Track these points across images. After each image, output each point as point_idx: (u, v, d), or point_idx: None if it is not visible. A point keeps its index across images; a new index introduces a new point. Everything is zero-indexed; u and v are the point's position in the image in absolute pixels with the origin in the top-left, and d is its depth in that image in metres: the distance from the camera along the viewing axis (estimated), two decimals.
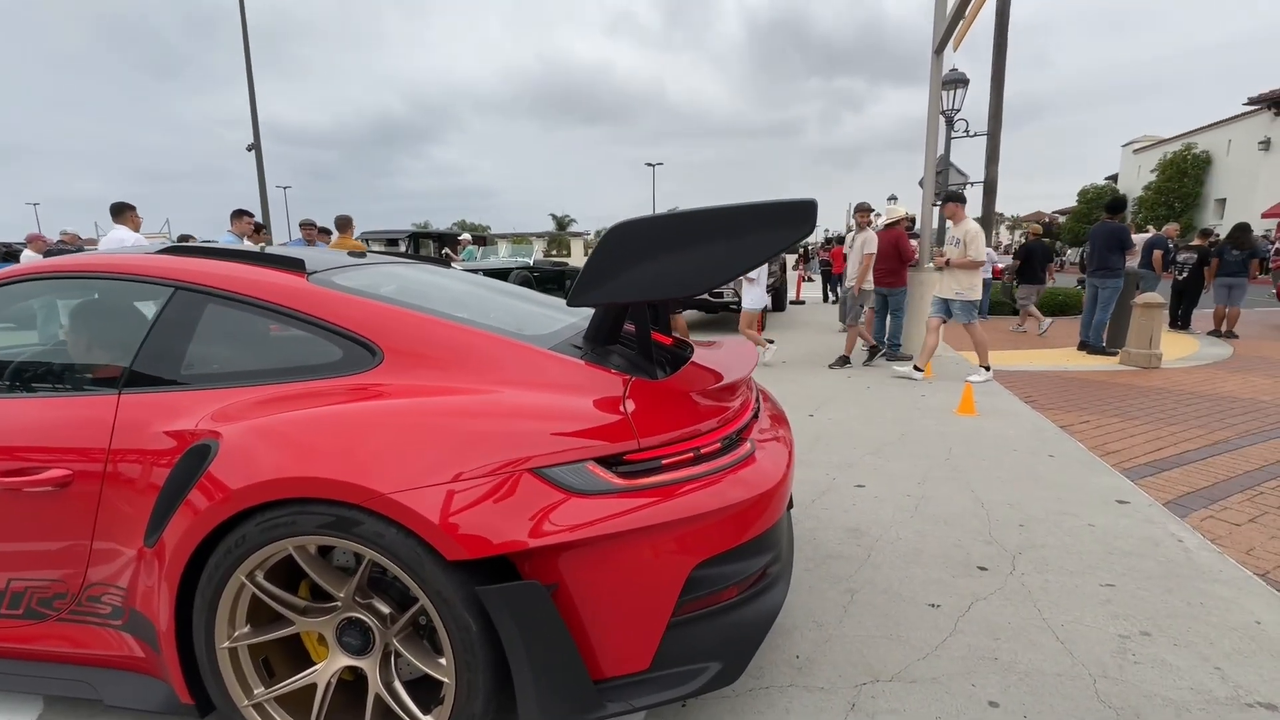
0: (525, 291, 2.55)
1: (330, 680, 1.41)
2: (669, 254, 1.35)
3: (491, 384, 1.50)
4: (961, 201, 5.97)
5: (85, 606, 1.56)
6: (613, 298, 1.46)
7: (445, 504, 1.24)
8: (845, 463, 3.49)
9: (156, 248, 1.95)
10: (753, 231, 1.31)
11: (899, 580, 2.23)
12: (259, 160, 17.48)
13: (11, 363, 1.88)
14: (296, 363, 1.58)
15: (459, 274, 2.51)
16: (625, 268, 1.38)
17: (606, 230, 1.37)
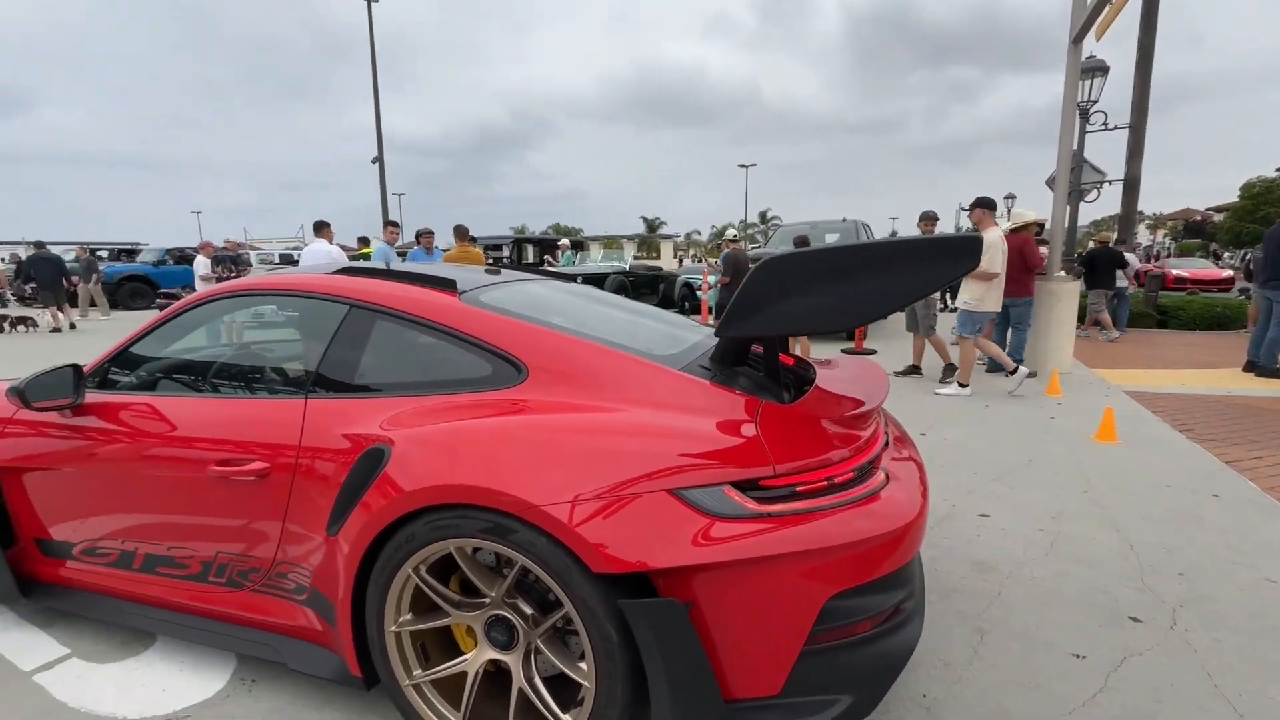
0: (651, 309, 2.63)
1: (478, 670, 1.54)
2: (822, 289, 1.36)
3: (627, 403, 1.57)
4: (990, 209, 5.63)
5: (274, 581, 1.79)
6: (763, 330, 1.48)
7: (592, 518, 1.32)
8: (964, 488, 3.29)
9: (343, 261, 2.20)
10: (911, 267, 1.28)
11: (1035, 624, 2.08)
12: (381, 172, 19.08)
13: (223, 367, 2.20)
14: (451, 376, 1.73)
15: (588, 291, 2.63)
16: (777, 302, 1.40)
17: (758, 264, 1.40)
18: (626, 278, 11.97)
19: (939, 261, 1.27)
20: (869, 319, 1.41)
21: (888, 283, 1.31)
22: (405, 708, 1.58)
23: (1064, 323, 6.51)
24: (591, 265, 12.88)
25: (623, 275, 12.00)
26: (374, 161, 19.23)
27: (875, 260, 1.32)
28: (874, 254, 1.32)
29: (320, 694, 1.82)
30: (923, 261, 1.29)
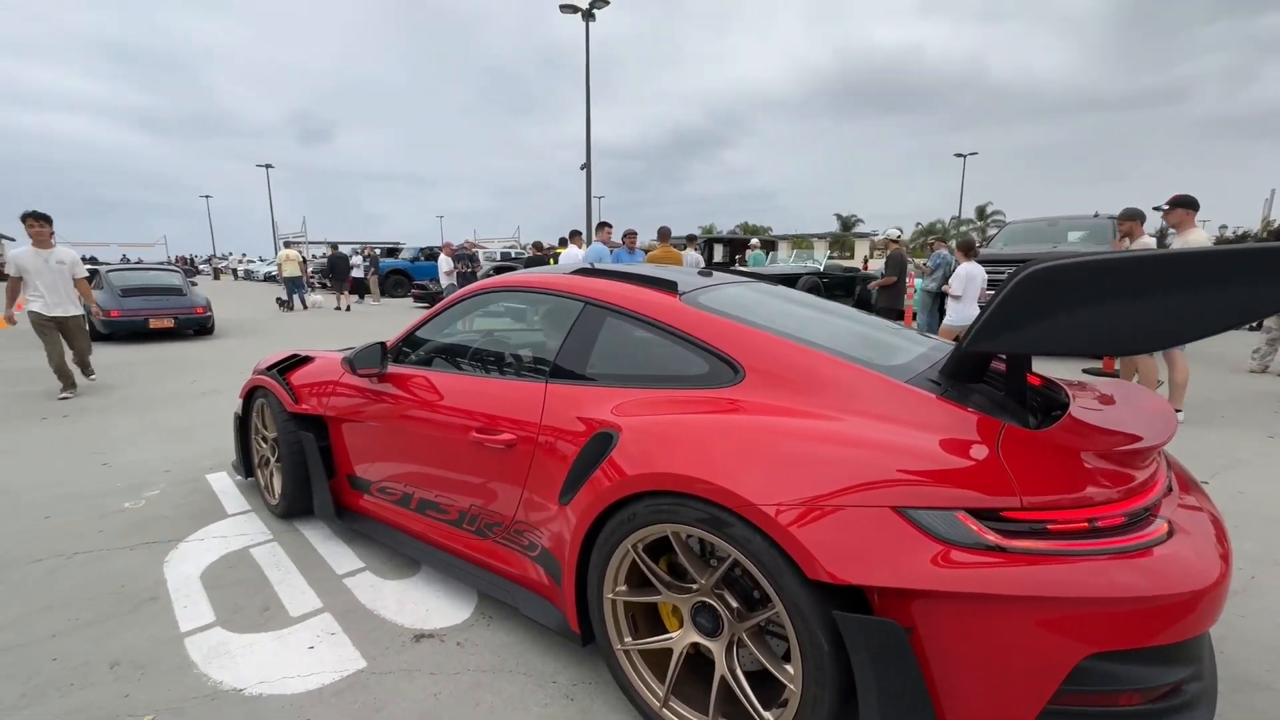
0: (868, 316, 2.52)
1: (683, 650, 1.64)
2: (1101, 305, 1.19)
3: (849, 413, 1.53)
4: (1193, 208, 4.86)
5: (513, 536, 2.10)
6: (1028, 348, 1.35)
7: (811, 525, 1.32)
8: (1271, 557, 2.59)
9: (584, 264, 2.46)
10: (1229, 284, 1.06)
11: None
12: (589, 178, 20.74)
13: (482, 351, 2.61)
14: (671, 371, 1.86)
15: (799, 296, 2.61)
16: (1042, 316, 1.26)
17: (1022, 273, 1.27)
18: (820, 278, 11.46)
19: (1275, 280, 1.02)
20: (1163, 345, 1.18)
21: (1196, 304, 1.09)
22: (615, 669, 1.74)
23: None
24: (783, 265, 12.58)
25: (816, 276, 11.51)
26: (582, 168, 20.99)
27: (1183, 274, 1.11)
28: (1183, 266, 1.11)
29: (543, 640, 2.09)
30: (1253, 278, 1.05)
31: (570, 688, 1.86)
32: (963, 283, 6.04)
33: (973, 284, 6.05)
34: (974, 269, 6.10)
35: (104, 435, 4.51)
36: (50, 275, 5.57)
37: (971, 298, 6.05)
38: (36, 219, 5.48)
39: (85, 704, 1.78)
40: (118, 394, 5.93)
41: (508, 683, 1.88)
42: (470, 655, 2.02)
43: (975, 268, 6.11)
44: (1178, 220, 4.93)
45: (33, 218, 5.47)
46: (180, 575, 2.52)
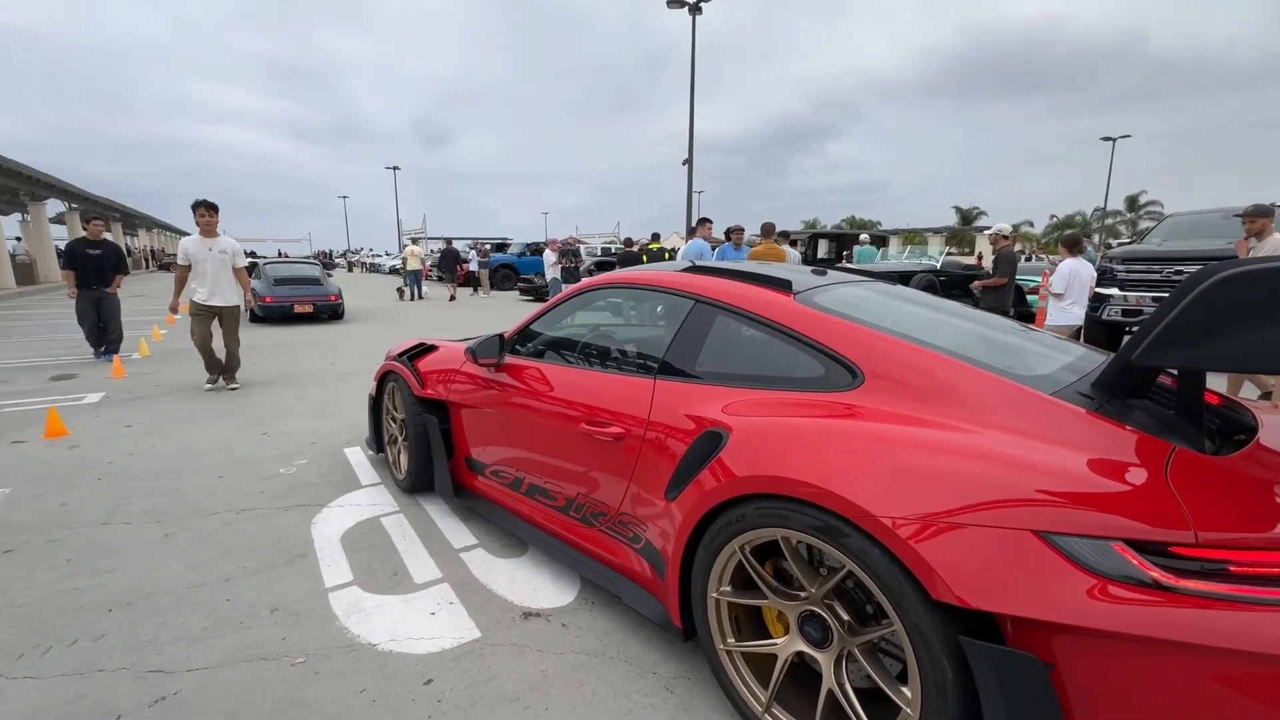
0: (1005, 321, 2.33)
1: (788, 658, 1.61)
2: None
3: (983, 425, 1.43)
4: (1269, 215, 4.71)
5: (617, 527, 2.15)
6: (1210, 364, 1.19)
7: (938, 542, 1.24)
8: None
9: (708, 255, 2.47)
10: None
11: None
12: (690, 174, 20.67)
13: (593, 346, 2.70)
14: (783, 373, 1.82)
15: (922, 297, 2.46)
16: (1237, 329, 1.10)
17: (1211, 278, 1.12)
18: (936, 277, 10.67)
19: None
20: None
21: None
22: (718, 669, 1.74)
23: None
24: (895, 262, 11.86)
25: (932, 274, 10.74)
26: (684, 163, 20.97)
27: None
28: None
29: (644, 630, 2.14)
30: None
31: (671, 681, 1.88)
32: (1065, 280, 5.72)
33: (1077, 281, 5.74)
34: (1079, 266, 5.77)
35: (263, 408, 5.16)
36: (213, 264, 5.62)
37: (1076, 297, 5.76)
38: (206, 208, 5.57)
39: (253, 642, 2.05)
40: (272, 372, 6.75)
41: (610, 668, 1.94)
42: (574, 637, 2.10)
43: (1081, 264, 5.79)
44: (1260, 228, 4.76)
45: (203, 206, 5.56)
46: (325, 536, 2.83)
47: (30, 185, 21.73)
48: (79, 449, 4.05)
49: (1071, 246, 5.98)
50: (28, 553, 2.65)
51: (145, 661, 1.95)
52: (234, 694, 1.80)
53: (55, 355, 7.79)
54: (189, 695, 1.80)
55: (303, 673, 1.90)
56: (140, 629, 2.12)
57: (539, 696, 1.80)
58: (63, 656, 1.97)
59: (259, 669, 1.92)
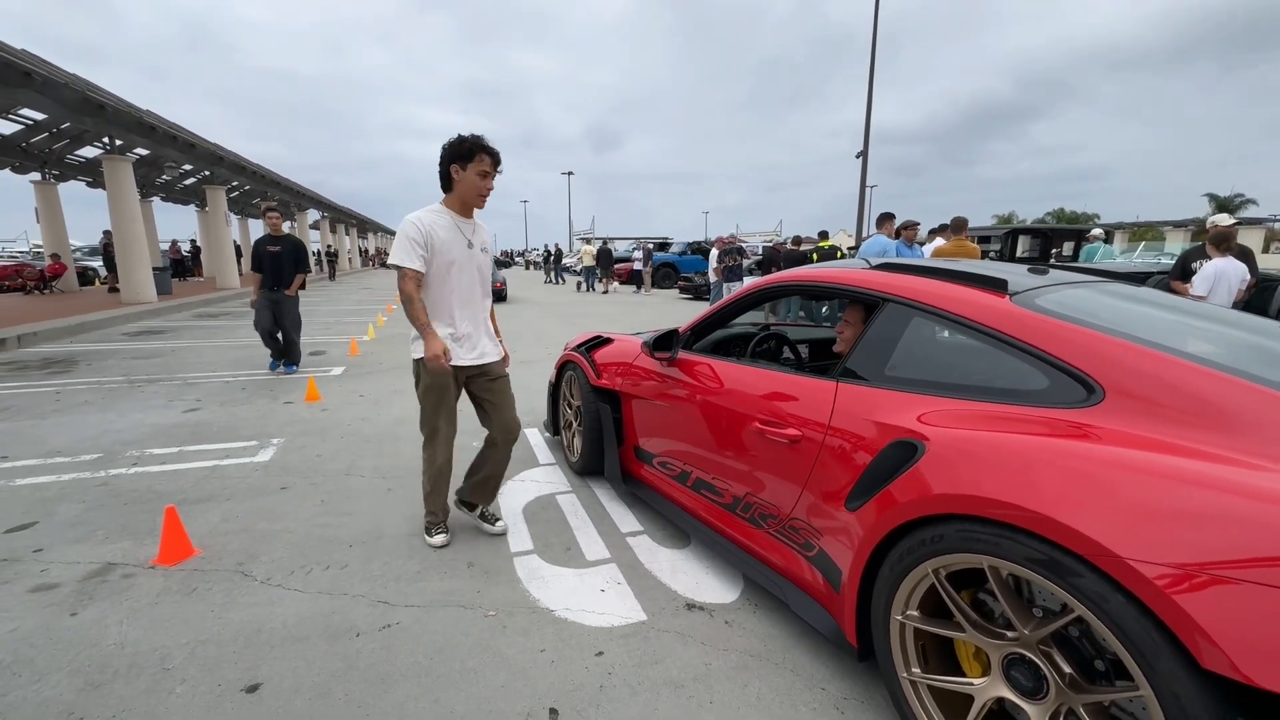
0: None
1: (987, 703, 1.43)
2: None
3: (1262, 456, 1.14)
4: None
5: (787, 531, 2.09)
6: None
7: (1213, 598, 1.01)
8: None
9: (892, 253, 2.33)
10: None
11: None
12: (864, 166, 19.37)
13: (770, 344, 2.66)
14: (996, 384, 1.62)
15: (1176, 300, 2.05)
16: None
17: None
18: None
19: None
20: None
21: None
22: (899, 698, 1.61)
23: None
24: (1123, 261, 9.97)
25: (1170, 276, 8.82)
26: (858, 156, 19.71)
27: None
28: None
29: (809, 640, 2.06)
30: None
31: (841, 700, 1.78)
32: (1209, 282, 4.87)
33: (1222, 283, 4.85)
34: (1227, 265, 4.88)
35: None
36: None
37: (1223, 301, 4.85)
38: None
39: (455, 590, 2.35)
40: None
41: (775, 675, 1.89)
42: (738, 636, 2.09)
43: (1230, 264, 4.89)
44: None
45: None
46: (510, 506, 3.14)
47: (297, 198, 27.11)
48: (327, 412, 4.95)
49: (1219, 244, 5.12)
50: (296, 491, 3.31)
51: (375, 592, 2.32)
52: (441, 632, 2.08)
53: (311, 335, 9.63)
54: (408, 626, 2.11)
55: (494, 625, 2.13)
56: (372, 564, 2.53)
57: (703, 689, 1.82)
58: (320, 577, 2.43)
59: (459, 615, 2.18)
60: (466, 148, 2.43)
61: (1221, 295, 5.04)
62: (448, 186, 2.50)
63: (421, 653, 1.97)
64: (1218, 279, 5.05)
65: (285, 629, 2.09)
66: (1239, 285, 5.06)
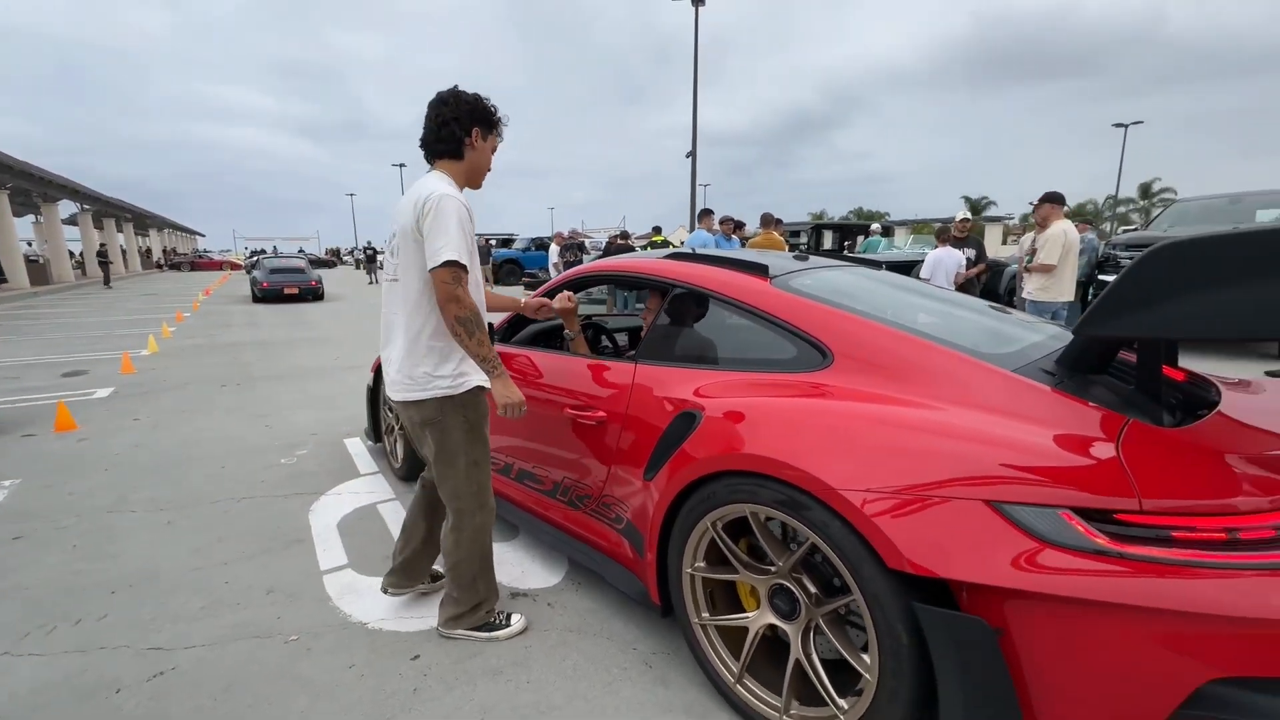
0: (978, 302, 2.35)
1: (758, 631, 1.65)
2: (1259, 284, 1.04)
3: (944, 401, 1.46)
4: (1059, 203, 5.34)
5: (601, 509, 2.20)
6: (1149, 332, 1.22)
7: (893, 513, 1.28)
8: None
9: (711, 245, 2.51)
10: None
11: None
12: (694, 165, 20.62)
13: (587, 334, 2.74)
14: (757, 355, 1.85)
15: (901, 280, 2.49)
16: (1174, 297, 1.12)
17: (1148, 250, 1.14)
18: None
19: None
20: None
21: None
22: (692, 642, 1.78)
23: None
24: (898, 252, 11.81)
25: None
26: (688, 156, 20.93)
27: None
28: None
29: (626, 609, 2.19)
30: None
31: (650, 655, 1.93)
32: (931, 268, 6.34)
33: (940, 268, 6.34)
34: (945, 254, 6.45)
35: (268, 402, 5.25)
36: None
37: (940, 282, 6.25)
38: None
39: (249, 620, 2.12)
40: (279, 367, 6.85)
41: (592, 644, 1.99)
42: (559, 616, 2.16)
43: (947, 253, 6.47)
44: (1046, 215, 5.25)
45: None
46: (322, 522, 2.90)
47: (42, 186, 22.06)
48: (87, 441, 4.15)
49: (940, 237, 6.77)
50: (35, 539, 2.74)
51: (146, 639, 2.02)
52: (230, 669, 1.87)
53: (68, 352, 7.95)
54: (186, 670, 1.87)
55: (295, 649, 1.97)
56: (142, 609, 2.19)
57: (521, 670, 1.86)
58: (67, 635, 2.05)
59: (254, 646, 1.98)
60: (493, 113, 1.90)
61: (941, 278, 6.29)
62: (456, 152, 1.87)
63: (204, 694, 1.76)
64: (937, 265, 6.38)
65: (15, 700, 1.74)
66: (956, 270, 6.40)
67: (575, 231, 15.12)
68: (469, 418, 1.89)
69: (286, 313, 12.84)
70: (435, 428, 1.88)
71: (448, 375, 1.84)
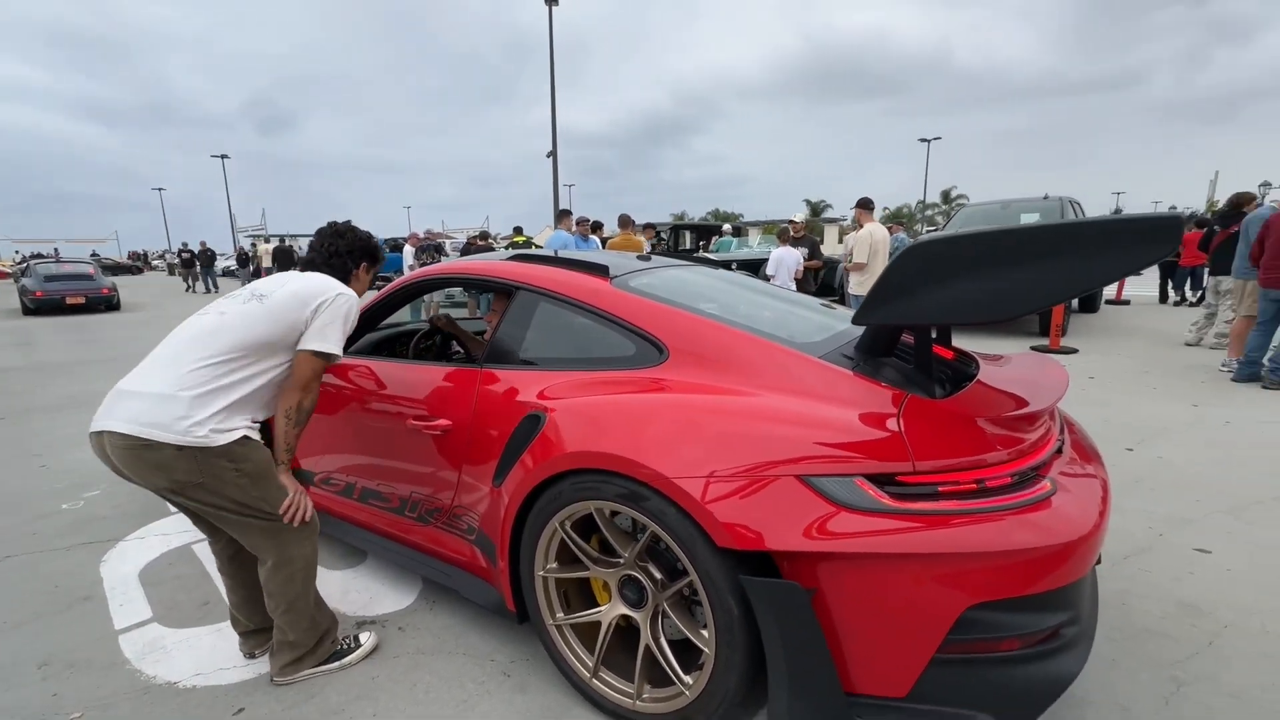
0: (802, 297, 2.59)
1: (611, 622, 1.69)
2: (984, 275, 1.26)
3: (764, 389, 1.59)
4: (868, 208, 6.45)
5: (452, 521, 2.12)
6: (903, 319, 1.42)
7: (720, 495, 1.37)
8: (1179, 517, 2.76)
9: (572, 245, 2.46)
10: (1093, 253, 1.14)
11: (1260, 686, 1.71)
12: (555, 166, 20.53)
13: (420, 338, 2.61)
14: (600, 354, 1.89)
15: (737, 278, 2.67)
16: (922, 288, 1.32)
17: (904, 249, 1.33)
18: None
19: (1133, 246, 1.10)
20: (1034, 308, 1.27)
21: (1063, 270, 1.17)
22: (548, 644, 1.78)
23: None
24: (747, 251, 12.68)
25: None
26: (549, 155, 20.77)
27: (1050, 245, 1.18)
28: (1049, 237, 1.19)
29: (484, 621, 2.13)
30: (1113, 246, 1.12)
31: (508, 664, 1.90)
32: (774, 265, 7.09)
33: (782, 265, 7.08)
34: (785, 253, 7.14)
35: (44, 436, 4.37)
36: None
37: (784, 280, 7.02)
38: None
39: (12, 704, 1.75)
40: (59, 395, 5.72)
41: (445, 663, 1.91)
42: (410, 639, 2.04)
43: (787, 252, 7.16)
44: (858, 218, 6.37)
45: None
46: (117, 574, 2.48)
47: None
48: None
49: (781, 237, 7.60)
50: None
51: None
52: None
53: None
54: None
55: None
56: None
57: (366, 704, 1.74)
58: None
59: None
60: (380, 250, 2.18)
61: (784, 274, 6.94)
62: (343, 280, 1.99)
63: None
64: (779, 262, 7.05)
65: None
66: (795, 267, 7.08)
67: (431, 232, 14.34)
68: (251, 457, 1.75)
69: (70, 328, 10.79)
70: (223, 474, 1.72)
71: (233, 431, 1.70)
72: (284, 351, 1.78)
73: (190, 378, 1.64)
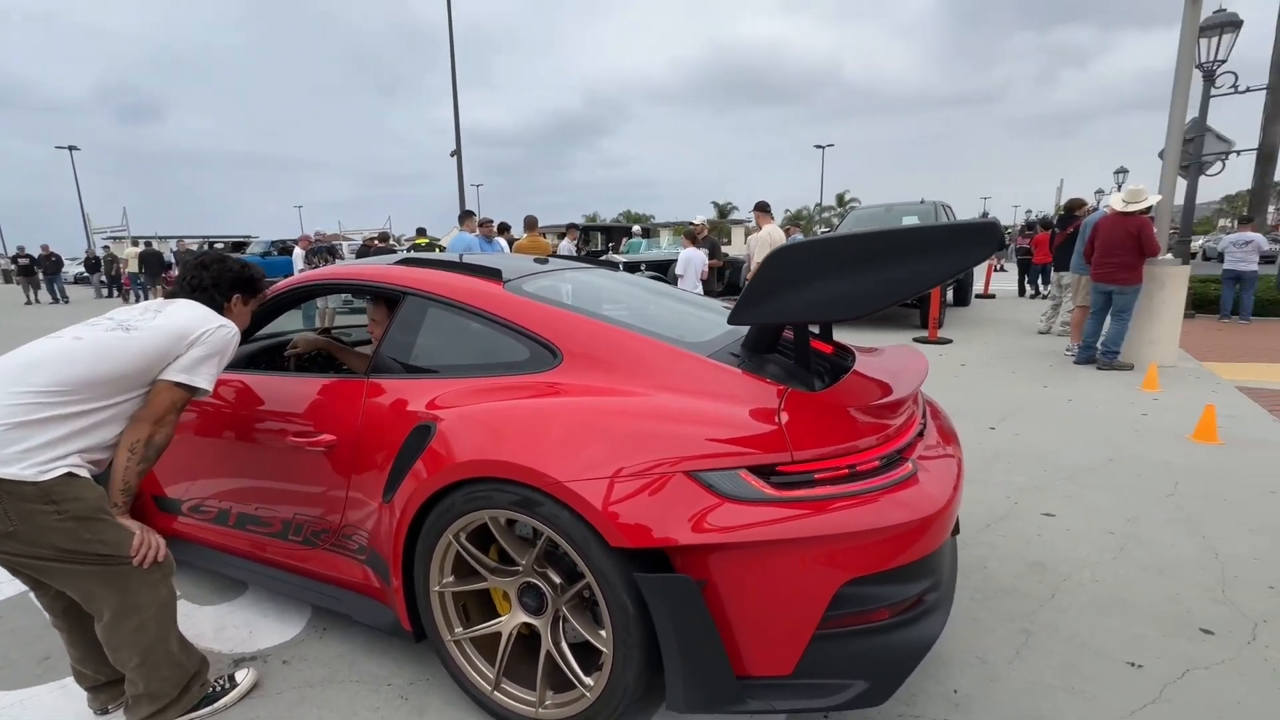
0: (693, 297, 2.66)
1: (511, 632, 1.66)
2: (833, 277, 1.36)
3: (654, 388, 1.62)
4: (766, 211, 7.38)
5: (341, 541, 1.99)
6: (771, 318, 1.50)
7: (609, 495, 1.39)
8: (1031, 486, 3.12)
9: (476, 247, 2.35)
10: (927, 255, 1.26)
11: (1090, 630, 1.97)
12: (459, 165, 19.88)
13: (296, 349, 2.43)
14: (493, 359, 1.85)
15: (635, 280, 2.70)
16: (785, 290, 1.41)
17: (770, 253, 1.41)
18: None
19: (959, 249, 1.24)
20: (884, 305, 1.39)
21: (905, 270, 1.29)
22: (447, 660, 1.73)
23: (1168, 311, 5.92)
24: (655, 252, 12.90)
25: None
26: (452, 155, 20.05)
27: (893, 248, 1.30)
28: (892, 241, 1.30)
29: (379, 644, 2.02)
30: (944, 249, 1.26)
31: (406, 687, 1.82)
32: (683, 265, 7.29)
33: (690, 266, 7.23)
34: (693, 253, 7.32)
35: None
36: None
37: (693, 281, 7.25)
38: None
39: None
40: None
41: (337, 693, 1.80)
42: (297, 672, 1.90)
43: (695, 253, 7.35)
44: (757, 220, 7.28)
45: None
46: None
47: None
48: None
49: (689, 238, 7.86)
50: None
51: None
52: None
53: None
54: None
55: None
56: None
57: None
58: None
59: None
60: (258, 280, 2.01)
61: (691, 274, 7.19)
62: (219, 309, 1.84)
63: None
64: (687, 263, 7.32)
65: None
66: (702, 267, 7.35)
67: (321, 234, 13.40)
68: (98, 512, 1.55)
69: None
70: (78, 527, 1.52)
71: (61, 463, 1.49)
72: (141, 386, 1.59)
73: (11, 405, 1.43)
